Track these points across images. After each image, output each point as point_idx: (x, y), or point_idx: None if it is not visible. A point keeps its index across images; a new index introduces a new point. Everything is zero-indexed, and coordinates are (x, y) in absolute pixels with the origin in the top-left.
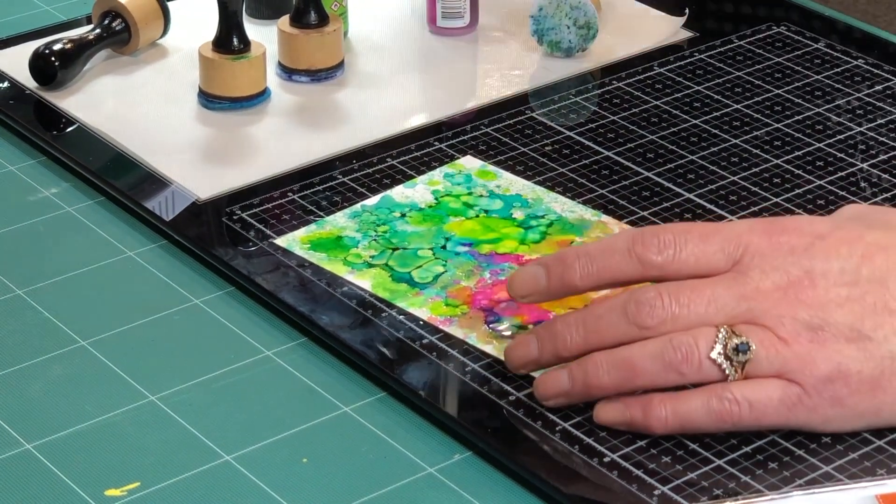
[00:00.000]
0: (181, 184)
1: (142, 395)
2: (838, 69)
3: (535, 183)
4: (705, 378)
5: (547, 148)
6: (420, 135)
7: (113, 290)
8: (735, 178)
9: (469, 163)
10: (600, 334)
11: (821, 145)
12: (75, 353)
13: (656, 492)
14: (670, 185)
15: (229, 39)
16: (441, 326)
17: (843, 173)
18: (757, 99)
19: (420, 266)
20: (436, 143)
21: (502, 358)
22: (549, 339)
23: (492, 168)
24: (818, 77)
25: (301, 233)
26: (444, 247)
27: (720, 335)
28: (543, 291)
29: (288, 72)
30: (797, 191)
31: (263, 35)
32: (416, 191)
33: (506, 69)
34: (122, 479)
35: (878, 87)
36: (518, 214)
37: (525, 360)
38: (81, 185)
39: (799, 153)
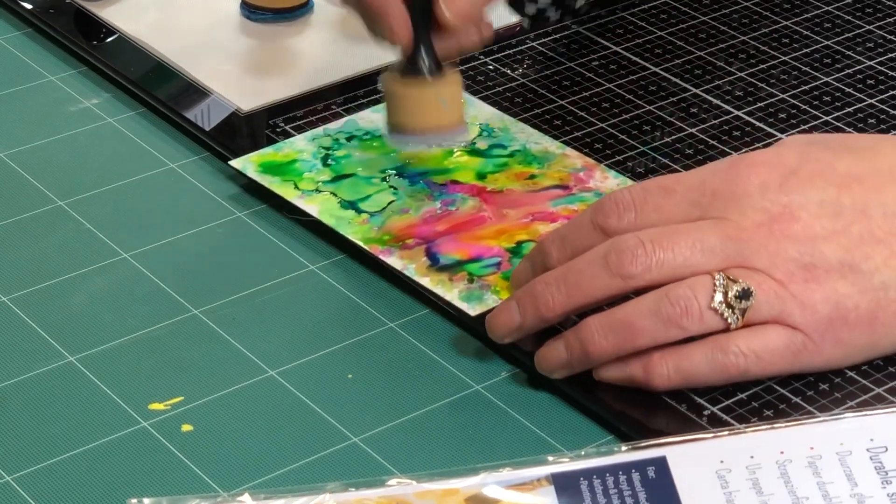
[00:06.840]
0: (223, 94)
1: (185, 308)
2: None
3: (580, 100)
4: (707, 329)
5: (594, 63)
6: None
7: (155, 202)
8: (784, 96)
9: None
10: (583, 289)
11: (871, 63)
12: (117, 266)
13: (706, 412)
14: (718, 102)
15: None
16: (381, 256)
17: (894, 91)
18: (807, 15)
19: (369, 195)
20: (481, 56)
21: (437, 291)
22: (531, 302)
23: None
24: None
25: (255, 155)
26: (398, 175)
27: (718, 282)
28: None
29: None
30: (847, 109)
31: None
32: (382, 116)
33: None
34: (166, 393)
35: None
36: (481, 144)
37: (508, 328)
38: (122, 95)
39: (849, 71)
